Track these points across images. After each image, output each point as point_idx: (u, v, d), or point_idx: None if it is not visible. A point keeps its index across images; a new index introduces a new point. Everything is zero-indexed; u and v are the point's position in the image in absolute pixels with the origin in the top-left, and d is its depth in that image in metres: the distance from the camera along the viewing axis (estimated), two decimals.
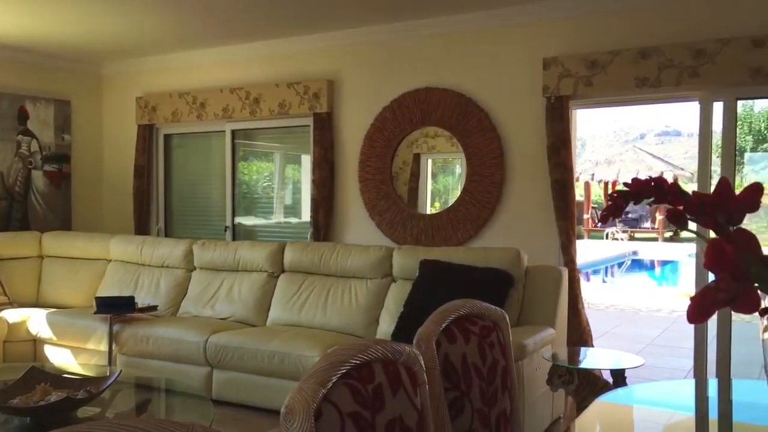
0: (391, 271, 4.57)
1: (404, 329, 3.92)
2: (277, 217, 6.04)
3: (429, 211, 5.32)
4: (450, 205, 5.00)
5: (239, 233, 6.04)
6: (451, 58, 4.90)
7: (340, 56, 5.38)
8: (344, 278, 4.70)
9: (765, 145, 17.99)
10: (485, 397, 1.86)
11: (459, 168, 5.20)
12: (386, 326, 4.29)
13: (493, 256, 4.14)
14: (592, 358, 3.82)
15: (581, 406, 3.24)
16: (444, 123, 4.92)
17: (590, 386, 3.27)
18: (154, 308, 4.92)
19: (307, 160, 5.68)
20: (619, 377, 3.44)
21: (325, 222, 5.36)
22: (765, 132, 18.10)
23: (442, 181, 5.66)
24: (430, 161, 5.43)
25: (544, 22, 4.52)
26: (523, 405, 3.44)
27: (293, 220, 5.95)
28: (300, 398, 1.19)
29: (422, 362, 1.51)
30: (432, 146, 5.21)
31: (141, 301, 5.01)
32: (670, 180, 1.04)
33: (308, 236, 5.46)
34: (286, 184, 6.08)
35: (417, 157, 5.32)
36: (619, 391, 2.92)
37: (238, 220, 6.06)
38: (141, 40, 5.63)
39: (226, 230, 6.04)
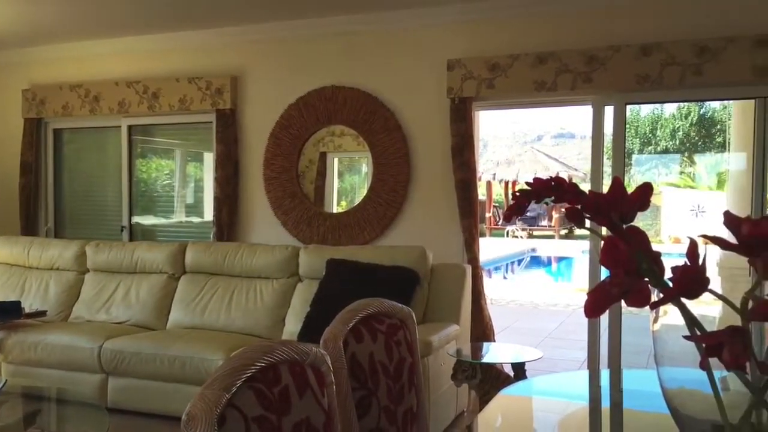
0: (297, 270, 4.52)
1: (311, 329, 3.89)
2: (178, 217, 5.83)
3: (335, 210, 5.31)
4: (356, 204, 5.01)
5: (137, 233, 5.78)
6: (358, 57, 4.91)
7: (244, 52, 5.27)
8: (249, 278, 4.60)
9: (650, 148, 19.22)
10: (392, 395, 1.87)
11: (365, 167, 5.21)
12: (292, 326, 4.24)
13: (399, 254, 4.18)
14: (494, 353, 3.93)
15: (484, 399, 3.33)
16: (350, 122, 4.92)
17: (493, 380, 3.37)
18: (42, 313, 4.63)
19: (209, 158, 5.52)
20: (520, 370, 3.56)
21: (228, 221, 5.23)
22: (650, 135, 19.34)
23: (348, 180, 5.66)
24: (336, 160, 5.41)
25: (449, 24, 4.61)
26: (429, 401, 3.50)
27: (195, 219, 5.77)
28: (202, 404, 1.14)
29: (329, 362, 1.49)
30: (338, 145, 5.20)
31: (28, 306, 4.71)
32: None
33: (211, 236, 5.30)
34: (188, 182, 5.89)
35: (323, 156, 5.29)
36: (520, 383, 3.02)
37: (136, 219, 5.81)
38: (28, 29, 5.28)
39: (122, 230, 5.77)
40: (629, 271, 0.89)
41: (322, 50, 5.02)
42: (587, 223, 1.02)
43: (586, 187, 1.08)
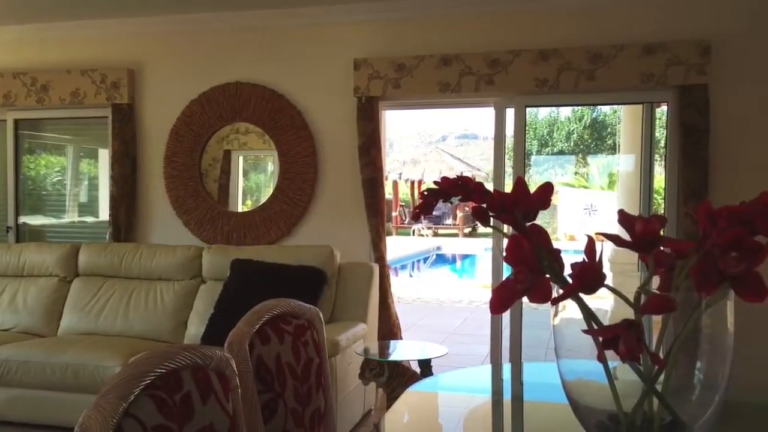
0: (200, 271, 4.39)
1: (215, 332, 3.78)
2: (71, 217, 5.51)
3: (240, 209, 5.19)
4: (262, 203, 4.92)
5: (24, 234, 5.42)
6: (264, 54, 4.82)
7: (142, 44, 5.05)
8: (149, 281, 4.42)
9: (547, 149, 20.08)
10: (299, 397, 1.85)
11: (272, 165, 5.13)
12: (195, 330, 4.11)
13: (306, 254, 4.14)
14: (401, 351, 3.97)
15: (391, 397, 3.35)
16: (256, 119, 4.83)
17: (400, 377, 3.40)
18: None
19: (105, 155, 5.25)
20: (426, 367, 3.62)
21: (126, 221, 5.00)
22: (547, 137, 20.21)
23: (254, 178, 5.55)
24: (241, 158, 5.29)
25: (356, 23, 4.62)
26: (336, 401, 3.49)
27: (89, 219, 5.48)
28: (97, 415, 1.08)
29: (234, 366, 1.45)
30: (243, 143, 5.09)
31: None
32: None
33: (107, 236, 5.05)
34: (81, 180, 5.58)
35: (228, 154, 5.16)
36: (426, 380, 3.07)
37: (24, 219, 5.44)
38: None
39: (8, 231, 5.39)
40: (532, 268, 0.92)
41: (227, 45, 4.89)
42: (491, 221, 1.05)
43: (489, 186, 1.10)
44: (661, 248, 0.97)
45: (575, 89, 4.15)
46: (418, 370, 3.66)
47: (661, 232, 0.99)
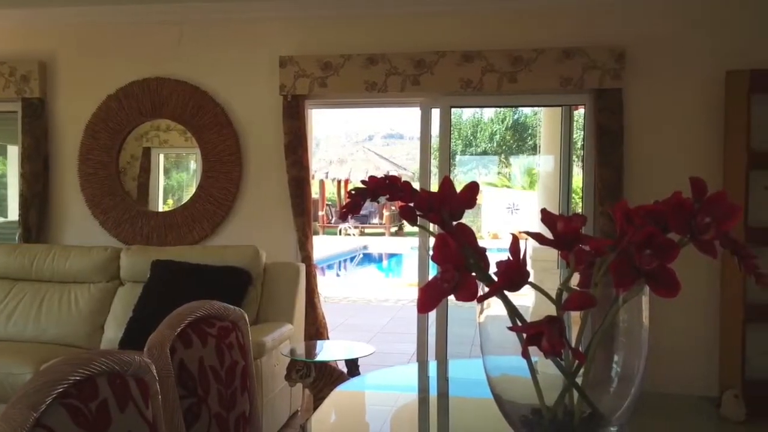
0: (118, 273, 4.23)
1: (134, 336, 3.65)
2: None
3: (161, 208, 5.03)
4: (185, 202, 4.79)
5: None
6: (186, 49, 4.69)
7: (55, 35, 4.81)
8: (63, 283, 4.22)
9: (471, 149, 20.49)
10: (223, 401, 1.80)
11: (194, 164, 5.00)
12: (113, 334, 3.95)
13: (231, 254, 4.06)
14: (327, 351, 3.96)
15: (318, 397, 3.33)
16: (177, 116, 4.69)
17: (327, 378, 3.38)
18: None
19: (14, 151, 4.97)
20: (353, 366, 3.62)
21: (37, 221, 4.75)
22: (471, 138, 20.62)
23: (175, 177, 5.39)
24: (162, 156, 5.13)
25: (282, 20, 4.56)
26: (262, 403, 3.43)
27: None
28: (5, 426, 1.01)
29: (155, 371, 1.40)
30: (164, 140, 4.93)
31: None
32: None
33: (16, 238, 4.78)
34: None
35: (147, 152, 4.98)
36: (354, 379, 3.07)
37: None
38: None
39: None
40: (459, 267, 0.93)
41: (147, 39, 4.73)
42: (418, 220, 1.05)
43: (415, 186, 1.10)
44: (581, 246, 1.00)
45: (498, 91, 4.24)
46: (345, 369, 3.65)
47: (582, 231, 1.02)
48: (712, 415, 2.90)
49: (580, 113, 4.63)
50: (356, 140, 22.53)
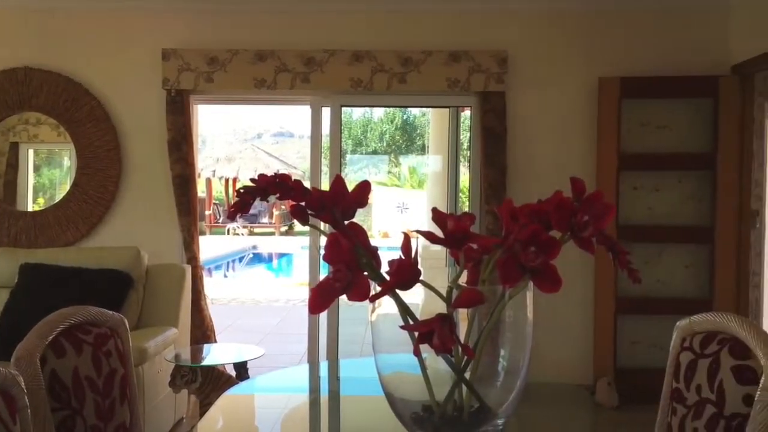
0: None
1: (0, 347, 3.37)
2: None
3: (31, 207, 4.69)
4: (57, 201, 4.48)
5: None
6: (58, 38, 4.39)
7: None
8: None
9: (361, 149, 20.64)
10: (101, 412, 1.70)
11: (68, 160, 4.69)
12: None
13: (109, 256, 3.84)
14: (215, 354, 3.84)
15: (205, 403, 3.23)
16: (48, 110, 4.38)
17: (214, 382, 3.28)
18: None
19: None
20: (242, 369, 3.53)
21: None
22: (361, 137, 20.77)
23: (47, 174, 5.03)
24: (31, 151, 4.78)
25: (164, 11, 4.37)
26: (144, 412, 3.28)
27: None
28: None
29: (22, 383, 1.29)
30: (34, 135, 4.60)
31: None
32: None
33: None
34: None
35: (15, 147, 4.62)
36: (243, 383, 3.00)
37: None
38: None
39: None
40: (351, 267, 0.92)
41: (13, 26, 4.38)
42: (309, 219, 1.03)
43: (307, 185, 1.08)
44: (470, 244, 1.02)
45: (388, 91, 4.29)
46: (233, 373, 3.56)
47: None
48: (588, 401, 3.09)
49: (466, 115, 4.78)
50: (245, 138, 22.07)
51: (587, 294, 4.31)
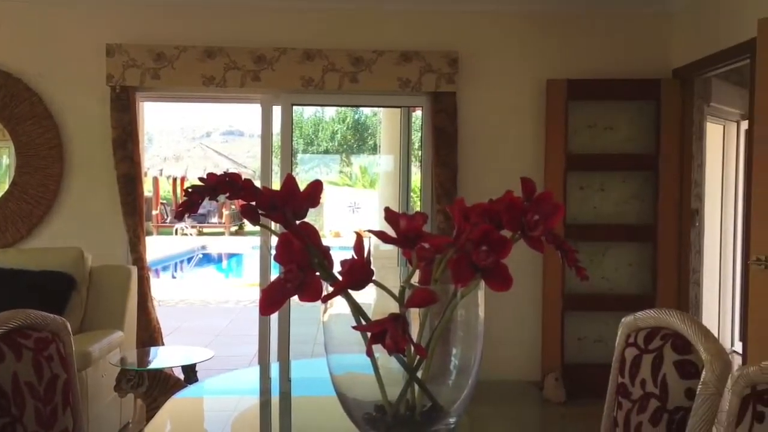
0: None
1: None
2: None
3: None
4: None
5: None
6: None
7: None
8: None
9: (313, 148, 20.53)
10: (42, 419, 1.64)
11: (6, 158, 4.51)
12: None
13: (50, 257, 3.71)
14: (162, 357, 3.75)
15: (152, 407, 3.15)
16: None
17: (161, 386, 3.21)
18: None
19: None
20: (191, 372, 3.46)
21: None
22: (313, 136, 20.66)
23: None
24: None
25: (108, 4, 4.25)
26: (88, 418, 3.18)
27: None
28: None
29: None
30: None
31: None
32: None
33: None
34: None
35: None
36: (192, 386, 2.94)
37: None
38: None
39: None
40: (303, 267, 0.91)
41: None
42: (260, 219, 1.01)
43: (256, 184, 1.07)
44: (423, 243, 1.02)
45: (339, 90, 4.27)
46: (181, 376, 3.49)
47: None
48: (537, 397, 3.15)
49: (418, 115, 4.81)
50: (193, 136, 21.67)
51: (536, 292, 4.38)
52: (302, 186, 1.03)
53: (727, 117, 5.31)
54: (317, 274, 0.94)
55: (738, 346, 4.88)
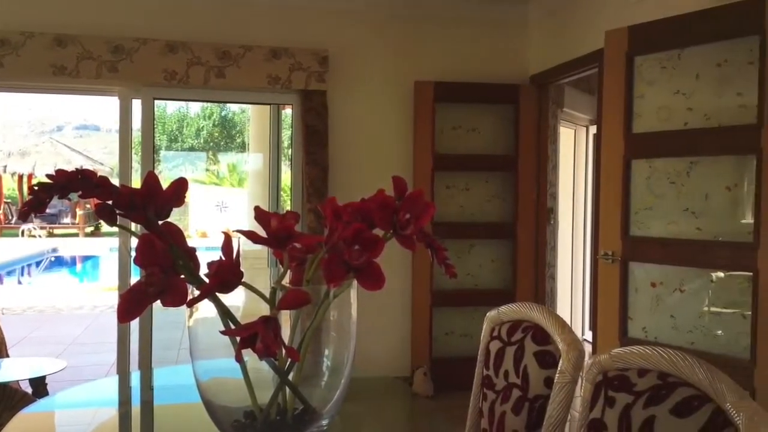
0: None
1: None
2: None
3: None
4: None
5: None
6: None
7: None
8: None
9: (177, 145, 19.71)
10: None
11: None
12: None
13: None
14: (6, 370, 3.44)
15: None
16: None
17: (6, 402, 2.93)
18: None
19: None
20: (40, 385, 3.20)
21: None
22: (177, 133, 19.83)
23: None
24: None
25: None
26: None
27: None
28: None
29: None
30: None
31: None
32: None
33: None
34: None
35: None
36: (41, 401, 2.71)
37: None
38: None
39: None
40: (166, 269, 0.85)
41: None
42: (118, 219, 0.94)
43: (114, 182, 0.99)
44: (294, 243, 1.00)
45: (205, 85, 4.12)
46: (30, 390, 3.21)
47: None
48: (406, 392, 3.21)
49: (288, 113, 4.74)
50: (42, 130, 20.07)
51: (405, 289, 4.48)
52: (166, 184, 0.97)
53: (577, 122, 5.72)
54: (182, 276, 0.89)
55: (588, 335, 5.26)
